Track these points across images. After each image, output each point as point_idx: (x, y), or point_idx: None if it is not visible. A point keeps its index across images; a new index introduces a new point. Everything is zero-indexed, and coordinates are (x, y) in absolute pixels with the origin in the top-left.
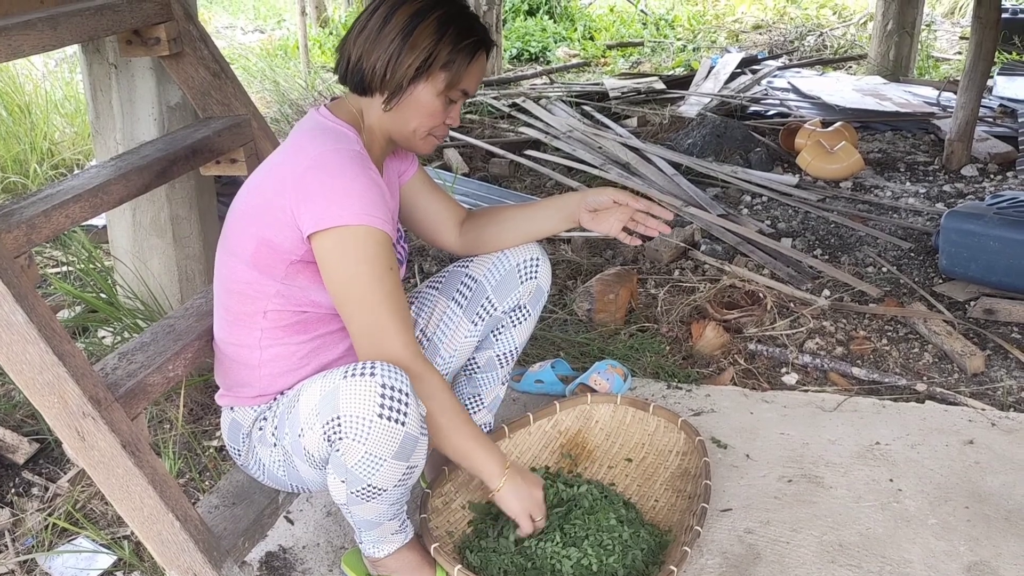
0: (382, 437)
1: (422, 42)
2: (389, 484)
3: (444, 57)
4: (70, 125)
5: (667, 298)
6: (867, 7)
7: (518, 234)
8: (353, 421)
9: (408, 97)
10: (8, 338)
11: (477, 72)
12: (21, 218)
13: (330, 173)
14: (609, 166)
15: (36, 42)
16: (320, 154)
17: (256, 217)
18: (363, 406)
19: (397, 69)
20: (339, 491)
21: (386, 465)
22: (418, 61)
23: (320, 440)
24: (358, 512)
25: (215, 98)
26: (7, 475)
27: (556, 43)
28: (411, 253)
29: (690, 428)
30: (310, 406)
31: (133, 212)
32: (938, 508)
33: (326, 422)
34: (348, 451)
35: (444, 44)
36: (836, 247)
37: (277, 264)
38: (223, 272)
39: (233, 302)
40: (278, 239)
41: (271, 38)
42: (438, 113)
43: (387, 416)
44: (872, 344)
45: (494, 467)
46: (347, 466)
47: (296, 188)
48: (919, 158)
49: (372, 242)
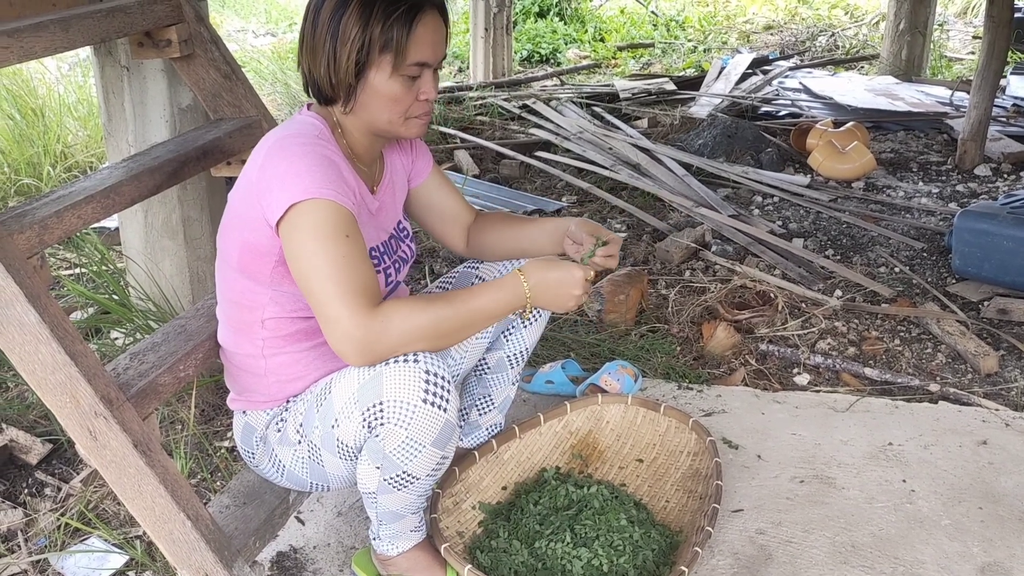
0: (425, 422)
1: (350, 33)
2: (423, 472)
3: (379, 39)
4: (83, 128)
5: (678, 299)
6: (879, 7)
7: (512, 250)
8: (397, 406)
9: (363, 93)
10: (21, 338)
11: (426, 37)
12: (33, 219)
13: (280, 158)
14: (619, 167)
15: (48, 44)
16: (272, 144)
17: (238, 221)
18: (408, 391)
19: (338, 70)
20: (371, 478)
21: (424, 452)
22: (354, 54)
23: (358, 427)
24: (385, 502)
25: (226, 100)
26: (20, 475)
27: (567, 45)
28: (421, 254)
29: (701, 429)
30: (347, 395)
31: (145, 214)
32: (951, 509)
33: (367, 408)
34: (389, 436)
35: (374, 25)
36: (848, 247)
37: (262, 268)
38: (220, 283)
39: (233, 312)
40: (255, 239)
41: (282, 41)
42: (402, 96)
43: (431, 401)
44: (884, 344)
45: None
46: (385, 451)
47: (258, 181)
48: (932, 158)
49: (317, 213)
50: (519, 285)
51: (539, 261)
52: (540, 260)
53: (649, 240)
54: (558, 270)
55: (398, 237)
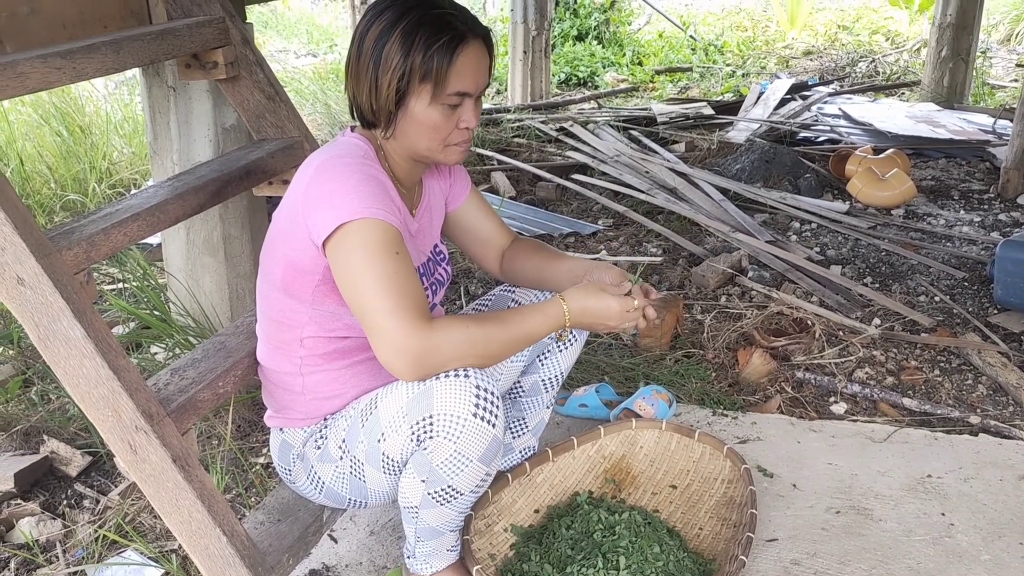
0: (473, 437)
1: (392, 61)
2: (467, 488)
3: (419, 68)
4: (128, 145)
5: (713, 324)
6: (920, 34)
7: (535, 281)
8: (447, 419)
9: (403, 120)
10: (66, 352)
11: (467, 68)
12: (81, 236)
13: (327, 178)
14: (656, 191)
15: (99, 65)
16: (319, 164)
17: (281, 240)
18: (459, 405)
19: (379, 97)
20: (414, 492)
21: (471, 466)
22: (395, 82)
23: (406, 441)
24: (426, 517)
25: (269, 120)
26: (60, 487)
27: (604, 68)
28: (457, 275)
29: (736, 456)
30: (395, 409)
31: (187, 231)
32: (991, 544)
33: (416, 421)
34: (437, 449)
35: (415, 55)
36: (887, 275)
37: (304, 287)
38: (261, 301)
39: (272, 330)
40: (300, 258)
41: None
42: (441, 125)
43: (481, 416)
44: (924, 375)
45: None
46: (432, 464)
47: (304, 202)
48: (974, 186)
49: (368, 232)
50: (560, 310)
51: (580, 288)
52: (581, 287)
53: (685, 265)
54: (597, 300)
55: (435, 260)
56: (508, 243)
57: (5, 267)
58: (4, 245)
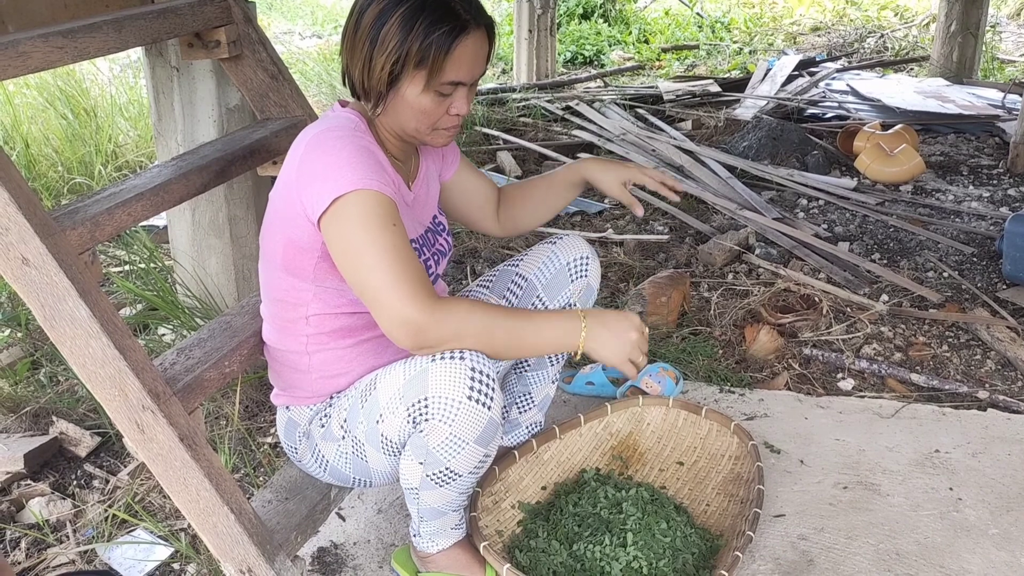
0: (469, 419)
1: (389, 43)
2: (465, 469)
3: (415, 55)
4: (133, 128)
5: (720, 301)
6: (929, 8)
7: (543, 215)
8: (442, 402)
9: (393, 101)
10: (72, 332)
11: (464, 59)
12: (85, 215)
13: (319, 152)
14: (663, 169)
15: (101, 45)
16: (311, 139)
17: (279, 219)
18: (453, 388)
19: (372, 76)
20: (414, 474)
21: (467, 449)
22: (389, 64)
23: (403, 423)
24: (427, 498)
25: (273, 100)
26: (69, 468)
27: (610, 46)
28: (463, 254)
29: (743, 432)
30: (392, 390)
31: (193, 212)
32: (1000, 518)
33: (412, 404)
34: (433, 432)
35: (413, 41)
36: (895, 251)
37: (305, 264)
38: (264, 281)
39: (277, 310)
40: (298, 235)
41: (328, 43)
42: (431, 111)
43: (476, 399)
44: (932, 350)
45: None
46: (429, 447)
47: (298, 178)
48: (983, 161)
49: (363, 204)
50: (577, 319)
51: (608, 311)
52: (609, 311)
53: (692, 242)
54: (616, 312)
55: (435, 231)
56: (497, 196)
57: (10, 247)
58: (8, 225)
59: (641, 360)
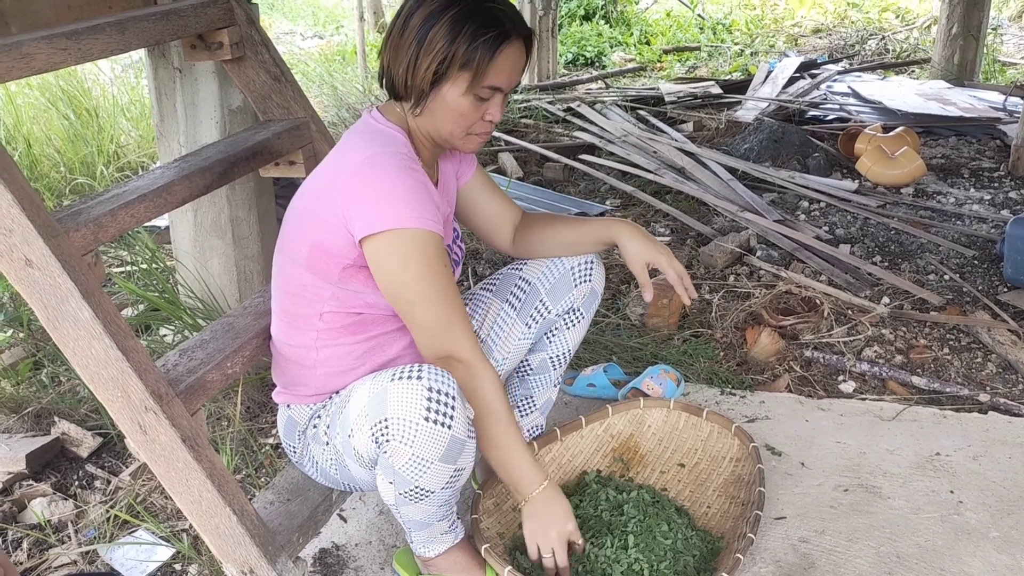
0: (428, 440)
1: (436, 45)
2: (436, 486)
3: (461, 57)
4: (135, 128)
5: (721, 303)
6: (931, 10)
7: (556, 250)
8: (399, 424)
9: (434, 101)
10: (75, 333)
11: (506, 65)
12: (88, 217)
13: (377, 175)
14: (664, 171)
15: (105, 46)
16: (367, 157)
17: (309, 221)
18: (409, 409)
19: (416, 75)
20: (388, 492)
21: (433, 467)
22: (434, 65)
23: (368, 441)
24: (407, 512)
25: (275, 101)
26: (71, 468)
27: (612, 48)
28: (465, 256)
29: (744, 434)
30: (359, 408)
31: (195, 213)
32: (1000, 521)
33: (374, 424)
34: (395, 453)
35: (459, 43)
36: (896, 254)
37: (332, 268)
38: (280, 275)
39: (290, 304)
40: (330, 242)
41: (330, 44)
42: (469, 113)
43: (433, 419)
44: (933, 353)
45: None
46: (395, 468)
47: (345, 191)
48: (984, 164)
49: (426, 244)
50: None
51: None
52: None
53: (693, 244)
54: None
55: (451, 238)
56: (518, 219)
57: (13, 248)
58: (12, 227)
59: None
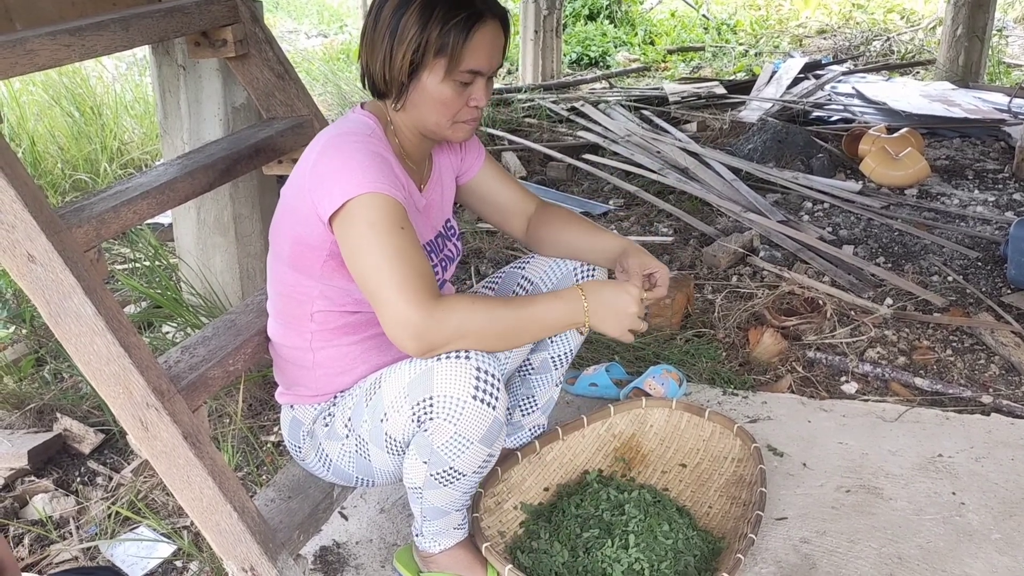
0: (473, 419)
1: (408, 33)
2: (469, 469)
3: (435, 42)
4: (139, 125)
5: (724, 304)
6: (936, 12)
7: (567, 252)
8: (447, 401)
9: (414, 93)
10: (77, 329)
11: (482, 47)
12: (91, 213)
13: (333, 154)
14: (667, 171)
15: (108, 43)
16: (326, 141)
17: (289, 216)
18: (458, 387)
19: (392, 67)
20: (418, 473)
21: (472, 448)
22: (409, 54)
23: (407, 422)
24: (431, 497)
25: (278, 99)
26: (73, 464)
27: (616, 48)
28: (467, 254)
29: (746, 435)
30: (397, 389)
31: (198, 211)
32: (1002, 523)
33: (417, 402)
34: (437, 431)
35: (431, 29)
36: (900, 255)
37: (313, 262)
38: (271, 276)
39: (283, 305)
40: (307, 234)
41: (333, 42)
42: (452, 100)
43: (480, 398)
44: (936, 354)
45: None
46: (433, 446)
47: (311, 177)
48: (988, 165)
49: (373, 207)
50: (578, 299)
51: (597, 281)
52: (598, 280)
53: (696, 245)
54: (613, 287)
55: (445, 235)
56: (533, 209)
57: (16, 244)
58: (15, 223)
59: (641, 326)
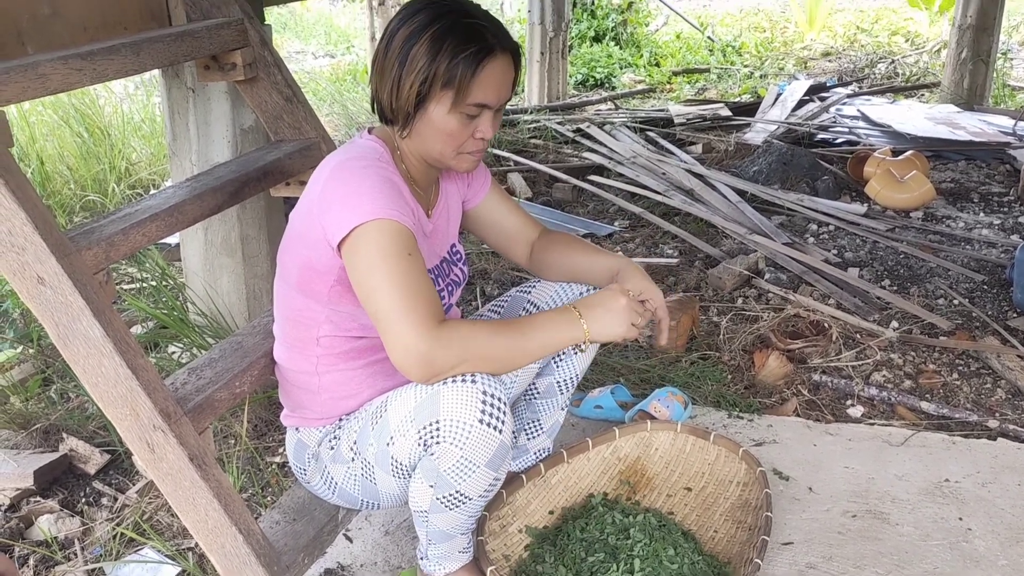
0: (480, 442)
1: (417, 63)
2: (475, 493)
3: (443, 74)
4: (147, 146)
5: (730, 326)
6: (940, 35)
7: (568, 274)
8: (453, 425)
9: (420, 122)
10: (85, 351)
11: (491, 81)
12: (101, 235)
13: (342, 180)
14: (672, 192)
15: (120, 67)
16: (335, 166)
17: (298, 241)
18: (464, 411)
19: (400, 95)
20: (423, 497)
21: (478, 472)
22: (417, 84)
23: (413, 446)
24: (436, 521)
25: (287, 122)
26: (78, 485)
27: (621, 69)
28: (473, 276)
29: (751, 458)
30: (403, 413)
31: (205, 231)
32: (1009, 549)
33: (423, 426)
34: (444, 455)
35: (440, 60)
36: (905, 278)
37: (320, 287)
38: (278, 300)
39: (289, 328)
40: (315, 259)
41: (340, 63)
42: (457, 132)
43: (487, 422)
44: (942, 378)
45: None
46: (440, 470)
47: (320, 203)
48: (993, 188)
49: (382, 233)
50: (572, 313)
51: (596, 298)
52: (595, 294)
53: (701, 266)
54: (599, 294)
55: (451, 261)
56: (536, 235)
57: (26, 267)
58: (25, 245)
59: (640, 319)
